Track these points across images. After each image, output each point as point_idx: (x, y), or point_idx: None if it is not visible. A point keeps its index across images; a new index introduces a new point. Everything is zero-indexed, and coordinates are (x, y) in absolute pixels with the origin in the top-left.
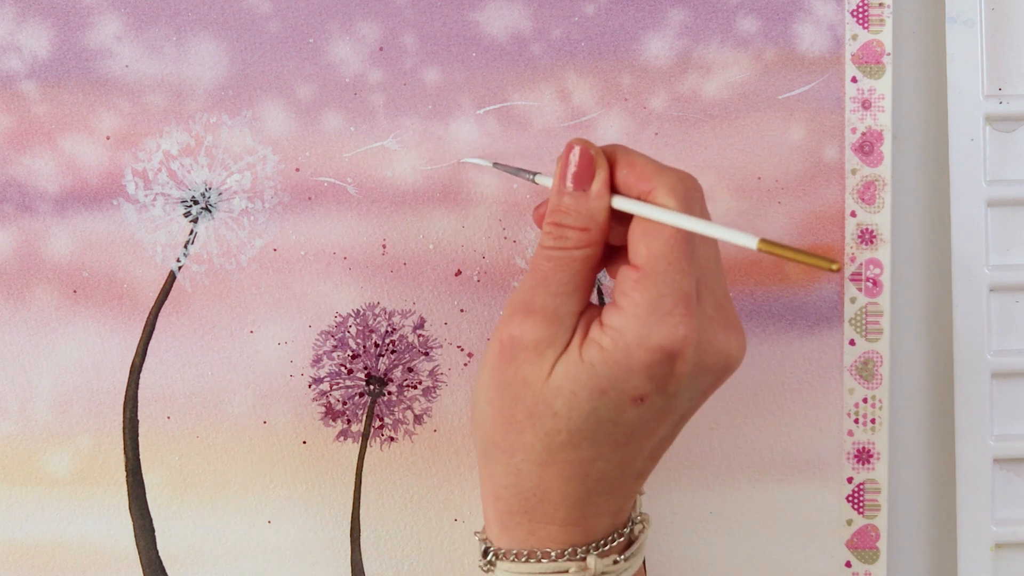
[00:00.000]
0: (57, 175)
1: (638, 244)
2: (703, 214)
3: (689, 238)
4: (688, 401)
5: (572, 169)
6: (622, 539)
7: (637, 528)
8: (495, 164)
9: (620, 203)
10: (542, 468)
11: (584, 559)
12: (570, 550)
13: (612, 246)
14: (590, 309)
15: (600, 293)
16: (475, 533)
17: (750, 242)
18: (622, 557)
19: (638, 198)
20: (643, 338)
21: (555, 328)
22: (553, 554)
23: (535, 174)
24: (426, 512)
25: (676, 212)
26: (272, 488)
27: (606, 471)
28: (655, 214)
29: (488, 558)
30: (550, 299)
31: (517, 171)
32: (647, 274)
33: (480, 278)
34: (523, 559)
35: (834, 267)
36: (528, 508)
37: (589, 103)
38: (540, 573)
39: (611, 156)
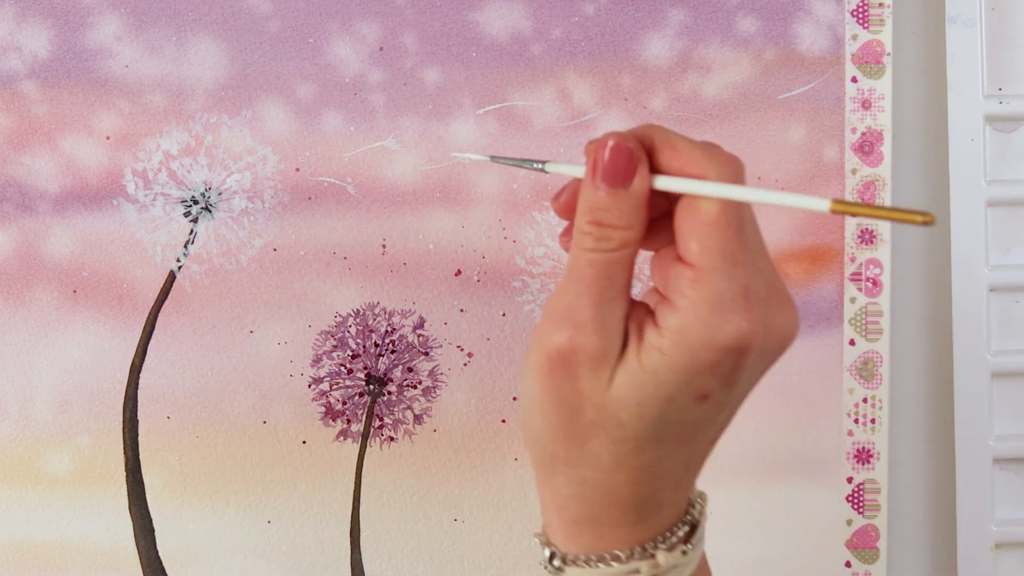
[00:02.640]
0: (57, 175)
1: (688, 240)
2: None
3: (740, 226)
4: (748, 385)
5: (606, 166)
6: (686, 527)
7: (696, 510)
8: (492, 157)
9: (665, 183)
10: (609, 475)
11: (654, 556)
12: (639, 548)
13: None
14: (634, 308)
15: None
16: (535, 535)
17: (822, 205)
18: (689, 546)
19: None
20: (707, 339)
21: (607, 338)
22: (623, 556)
23: (544, 163)
24: (426, 512)
25: (733, 185)
26: (272, 488)
27: (673, 468)
28: (709, 190)
29: (555, 563)
30: (596, 308)
31: (519, 162)
32: (703, 271)
33: (480, 278)
34: (593, 563)
35: (924, 219)
36: (594, 515)
37: (589, 103)
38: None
39: (648, 141)
